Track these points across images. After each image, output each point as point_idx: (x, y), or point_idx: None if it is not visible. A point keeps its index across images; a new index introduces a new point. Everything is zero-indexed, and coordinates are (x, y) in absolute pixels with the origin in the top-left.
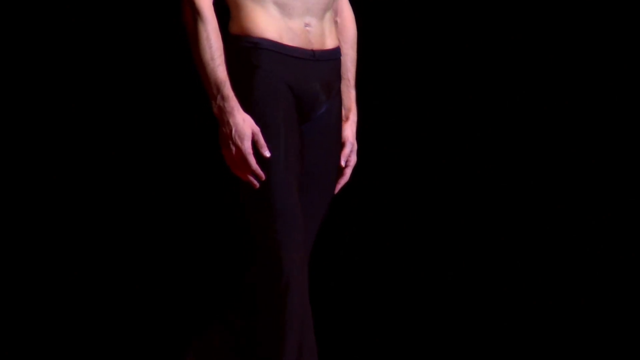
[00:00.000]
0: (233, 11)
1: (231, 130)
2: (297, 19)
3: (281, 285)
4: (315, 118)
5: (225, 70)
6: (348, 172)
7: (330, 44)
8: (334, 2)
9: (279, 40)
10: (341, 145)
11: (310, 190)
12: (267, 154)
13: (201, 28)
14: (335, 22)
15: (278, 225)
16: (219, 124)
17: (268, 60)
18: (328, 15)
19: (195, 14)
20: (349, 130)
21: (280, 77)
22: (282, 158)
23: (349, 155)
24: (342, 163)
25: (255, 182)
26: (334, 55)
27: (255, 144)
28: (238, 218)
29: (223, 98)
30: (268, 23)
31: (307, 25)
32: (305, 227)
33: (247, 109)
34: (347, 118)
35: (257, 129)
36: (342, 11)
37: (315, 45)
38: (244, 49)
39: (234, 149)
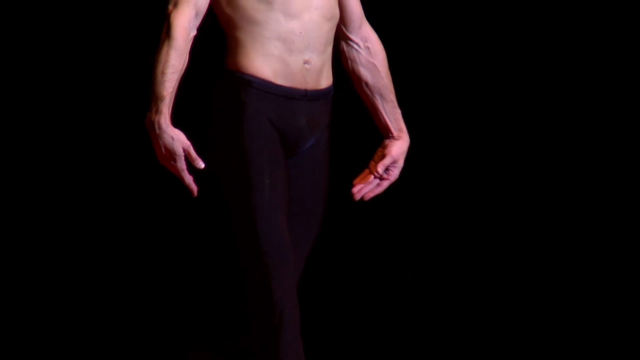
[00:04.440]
0: (231, 46)
1: (160, 148)
2: (297, 55)
3: (274, 319)
4: (301, 152)
5: (171, 89)
6: (385, 184)
7: (325, 83)
8: (334, 34)
9: (273, 80)
10: (327, 178)
11: (298, 223)
12: (201, 165)
13: (165, 44)
14: (367, 48)
15: (269, 260)
16: (150, 137)
17: (256, 99)
18: (329, 50)
19: (167, 30)
20: (398, 148)
21: (265, 115)
22: (268, 193)
23: (391, 170)
24: (380, 171)
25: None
26: (327, 94)
27: (188, 158)
28: (229, 250)
29: (157, 112)
30: (263, 61)
31: (306, 62)
32: (294, 258)
33: (232, 143)
34: (400, 138)
35: (187, 144)
36: (369, 36)
37: (310, 84)
38: (236, 84)
39: (166, 163)
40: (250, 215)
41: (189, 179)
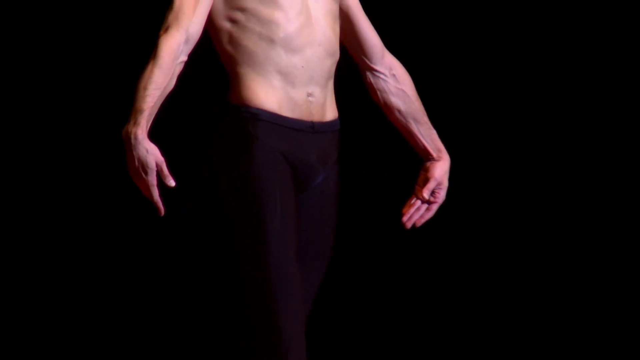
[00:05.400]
0: (233, 81)
1: (133, 159)
2: (300, 89)
3: (280, 353)
4: (311, 188)
5: (152, 104)
6: (434, 208)
7: (330, 115)
8: (336, 68)
9: (278, 112)
10: (336, 213)
11: (307, 259)
12: (172, 183)
13: (151, 63)
14: (393, 76)
15: (276, 295)
16: (125, 148)
17: (265, 131)
18: (331, 84)
19: (156, 51)
20: (440, 169)
21: (276, 148)
22: (278, 227)
23: (437, 192)
24: (426, 196)
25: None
26: (333, 126)
27: (160, 174)
28: (235, 283)
29: (135, 124)
30: (268, 93)
31: (310, 95)
32: (303, 293)
33: (243, 177)
34: (440, 158)
35: (161, 160)
36: (393, 64)
37: (316, 116)
38: (243, 119)
39: (137, 177)
40: (260, 248)
41: (157, 195)
